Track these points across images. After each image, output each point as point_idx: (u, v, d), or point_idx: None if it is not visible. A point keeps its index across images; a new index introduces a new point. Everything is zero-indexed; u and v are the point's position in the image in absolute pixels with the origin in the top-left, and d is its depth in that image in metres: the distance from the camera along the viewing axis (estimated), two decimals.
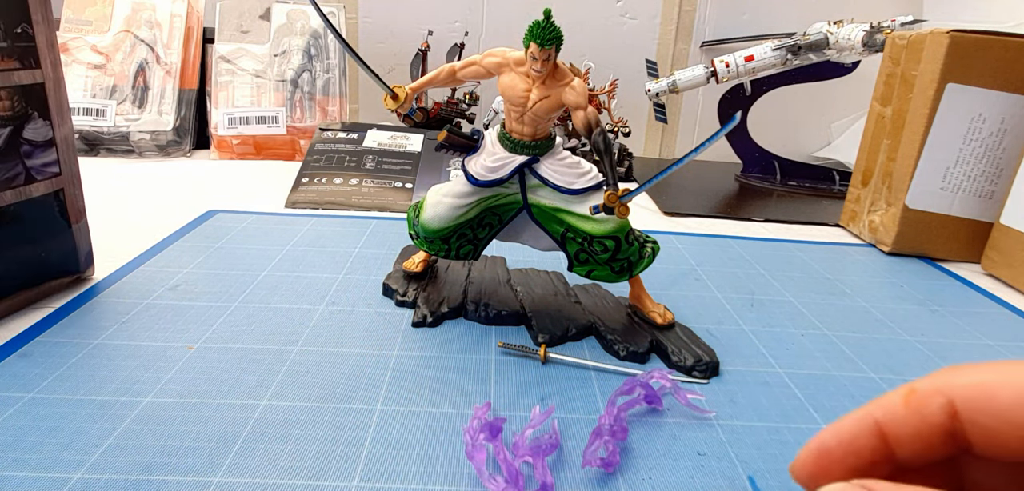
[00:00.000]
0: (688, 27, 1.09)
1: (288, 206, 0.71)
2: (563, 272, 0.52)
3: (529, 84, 0.39)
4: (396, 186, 0.76)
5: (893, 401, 0.17)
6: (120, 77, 0.91)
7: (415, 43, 0.99)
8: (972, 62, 0.60)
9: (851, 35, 0.79)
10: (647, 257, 0.44)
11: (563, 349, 0.42)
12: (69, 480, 0.28)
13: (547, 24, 0.36)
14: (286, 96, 0.93)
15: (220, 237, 0.58)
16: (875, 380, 0.41)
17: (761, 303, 0.51)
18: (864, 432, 0.17)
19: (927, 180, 0.64)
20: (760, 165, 0.99)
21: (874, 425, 0.17)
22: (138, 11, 0.94)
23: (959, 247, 0.65)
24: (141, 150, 0.89)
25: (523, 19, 0.48)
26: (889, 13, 0.86)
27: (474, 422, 0.31)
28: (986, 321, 0.51)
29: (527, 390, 0.37)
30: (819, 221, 0.77)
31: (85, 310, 0.43)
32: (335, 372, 0.37)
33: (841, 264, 0.62)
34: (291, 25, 0.96)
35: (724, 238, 0.68)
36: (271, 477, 0.29)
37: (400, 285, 0.48)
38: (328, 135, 0.85)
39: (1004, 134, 0.62)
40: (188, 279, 0.49)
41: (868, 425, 0.17)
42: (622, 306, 0.47)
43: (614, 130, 0.88)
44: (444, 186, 0.44)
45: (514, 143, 0.41)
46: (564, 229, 0.43)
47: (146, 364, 0.37)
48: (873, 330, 0.48)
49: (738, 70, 0.86)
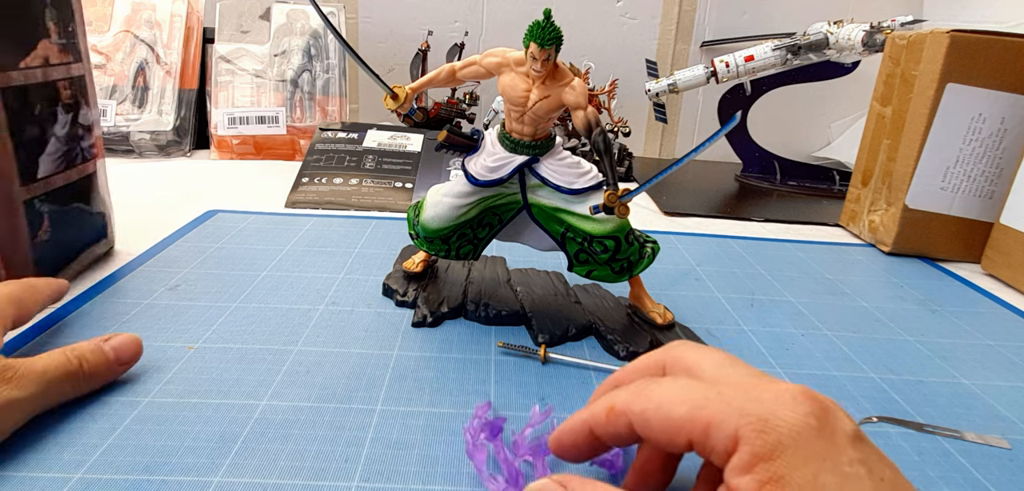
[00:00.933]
0: (688, 27, 1.09)
1: (288, 206, 0.71)
2: (563, 272, 0.52)
3: (529, 84, 0.39)
4: (396, 186, 0.76)
5: (599, 413, 0.25)
6: (120, 77, 0.91)
7: (415, 43, 0.99)
8: (972, 62, 0.60)
9: (851, 35, 0.80)
10: (647, 257, 0.44)
11: (563, 349, 0.42)
12: (69, 480, 0.28)
13: (547, 24, 0.36)
14: (286, 96, 0.93)
15: (220, 237, 0.58)
16: (875, 380, 0.41)
17: (761, 303, 0.51)
18: (582, 431, 0.26)
19: (927, 180, 0.64)
20: (760, 165, 0.99)
21: (588, 429, 0.26)
22: (138, 11, 0.94)
23: (959, 247, 0.65)
24: (141, 150, 0.89)
25: (523, 19, 0.48)
26: (889, 13, 0.86)
27: (475, 421, 0.31)
28: (986, 321, 0.51)
29: (527, 390, 0.37)
30: (819, 221, 0.77)
31: (85, 310, 0.43)
32: (335, 372, 0.37)
33: (841, 264, 0.62)
34: (291, 25, 0.96)
35: (724, 238, 0.68)
36: (271, 477, 0.29)
37: (400, 285, 0.48)
38: (328, 135, 0.85)
39: (1004, 134, 0.62)
40: (188, 279, 0.49)
41: (585, 428, 0.26)
42: (622, 306, 0.47)
43: (614, 130, 0.88)
44: (444, 186, 0.44)
45: (514, 143, 0.41)
46: (564, 229, 0.43)
47: (146, 364, 0.37)
48: (873, 330, 0.48)
49: (738, 70, 0.86)
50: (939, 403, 0.39)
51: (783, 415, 0.21)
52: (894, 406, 0.38)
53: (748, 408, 0.22)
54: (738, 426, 0.21)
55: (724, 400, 0.22)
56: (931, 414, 0.37)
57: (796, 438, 0.21)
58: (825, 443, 0.21)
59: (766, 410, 0.22)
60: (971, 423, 0.37)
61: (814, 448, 0.21)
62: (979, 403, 0.39)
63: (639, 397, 0.24)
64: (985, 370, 0.43)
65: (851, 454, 0.21)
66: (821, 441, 0.21)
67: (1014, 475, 0.32)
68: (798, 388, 0.22)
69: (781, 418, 0.21)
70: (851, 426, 0.22)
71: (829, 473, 0.20)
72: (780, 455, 0.21)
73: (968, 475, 0.32)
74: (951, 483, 0.32)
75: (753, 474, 0.21)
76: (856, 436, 0.22)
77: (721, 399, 0.22)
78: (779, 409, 0.22)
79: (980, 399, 0.39)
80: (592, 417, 0.26)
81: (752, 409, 0.22)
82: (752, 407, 0.22)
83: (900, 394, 0.39)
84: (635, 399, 0.24)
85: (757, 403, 0.22)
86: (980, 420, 0.37)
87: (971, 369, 0.43)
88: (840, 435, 0.21)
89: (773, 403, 0.22)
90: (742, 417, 0.21)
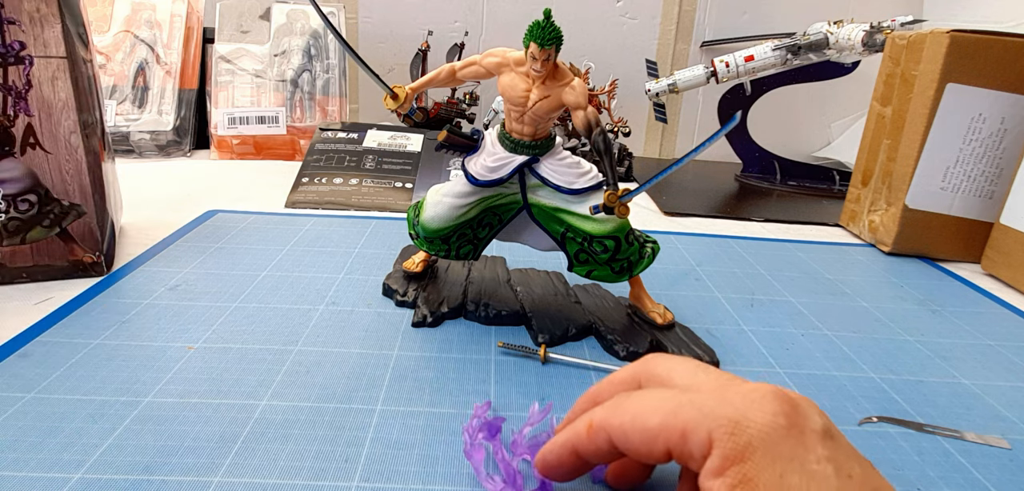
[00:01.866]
0: (688, 27, 1.09)
1: (288, 206, 0.71)
2: (563, 272, 0.52)
3: (529, 84, 0.39)
4: (396, 186, 0.76)
5: (580, 431, 0.26)
6: (120, 77, 0.91)
7: (415, 43, 0.99)
8: (972, 62, 0.60)
9: (851, 35, 0.80)
10: (647, 257, 0.44)
11: (563, 349, 0.42)
12: (69, 480, 0.28)
13: (547, 24, 0.36)
14: (286, 96, 0.93)
15: (220, 237, 0.58)
16: (875, 380, 0.41)
17: (761, 303, 0.51)
18: (566, 451, 0.26)
19: (927, 180, 0.64)
20: (760, 165, 0.99)
21: (572, 448, 0.26)
22: (138, 11, 0.94)
23: (959, 247, 0.65)
24: (141, 150, 0.89)
25: (523, 19, 0.48)
26: (889, 13, 0.86)
27: (473, 421, 0.31)
28: (986, 321, 0.51)
29: (527, 390, 0.37)
30: (819, 221, 0.77)
31: (85, 310, 0.43)
32: (335, 372, 0.37)
33: (841, 264, 0.62)
34: (291, 25, 0.96)
35: (724, 238, 0.68)
36: (271, 477, 0.29)
37: (400, 285, 0.48)
38: (328, 135, 0.85)
39: (1004, 134, 0.62)
40: (188, 279, 0.49)
41: (568, 448, 0.26)
42: (622, 306, 0.47)
43: (614, 130, 0.88)
44: (444, 186, 0.44)
45: (514, 143, 0.41)
46: (564, 229, 0.43)
47: (146, 364, 0.37)
48: (873, 330, 0.48)
49: (738, 70, 0.86)
50: (939, 403, 0.39)
51: (753, 416, 0.22)
52: (894, 406, 0.38)
53: (719, 411, 0.22)
54: (710, 430, 0.22)
55: (696, 406, 0.23)
56: (931, 414, 0.37)
57: (765, 439, 0.22)
58: (793, 442, 0.22)
59: (737, 413, 0.22)
60: (971, 423, 0.37)
61: (782, 448, 0.21)
62: (979, 403, 0.39)
63: (616, 412, 0.25)
64: (985, 370, 0.43)
65: (819, 452, 0.21)
66: (789, 440, 0.22)
67: (1014, 475, 0.32)
68: (768, 388, 0.23)
69: (751, 420, 0.22)
70: (821, 423, 0.22)
71: (795, 473, 0.21)
72: (750, 457, 0.21)
73: (968, 475, 0.32)
74: (951, 483, 0.32)
75: (725, 477, 0.21)
76: (825, 433, 0.22)
77: (693, 405, 0.23)
78: (749, 411, 0.22)
79: (980, 399, 0.39)
80: (574, 436, 0.26)
81: (724, 412, 0.22)
82: (724, 410, 0.22)
83: (900, 394, 0.39)
84: (612, 414, 0.25)
85: (729, 406, 0.22)
86: (980, 420, 0.37)
87: (971, 369, 0.43)
88: (809, 433, 0.22)
89: (743, 405, 0.22)
90: (714, 421, 0.22)
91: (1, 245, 0.46)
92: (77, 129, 0.47)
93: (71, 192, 0.48)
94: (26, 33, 0.44)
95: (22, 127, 0.45)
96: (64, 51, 0.45)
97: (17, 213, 0.46)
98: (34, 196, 0.47)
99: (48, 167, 0.46)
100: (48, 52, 0.45)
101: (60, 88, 0.46)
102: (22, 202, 0.46)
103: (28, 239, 0.47)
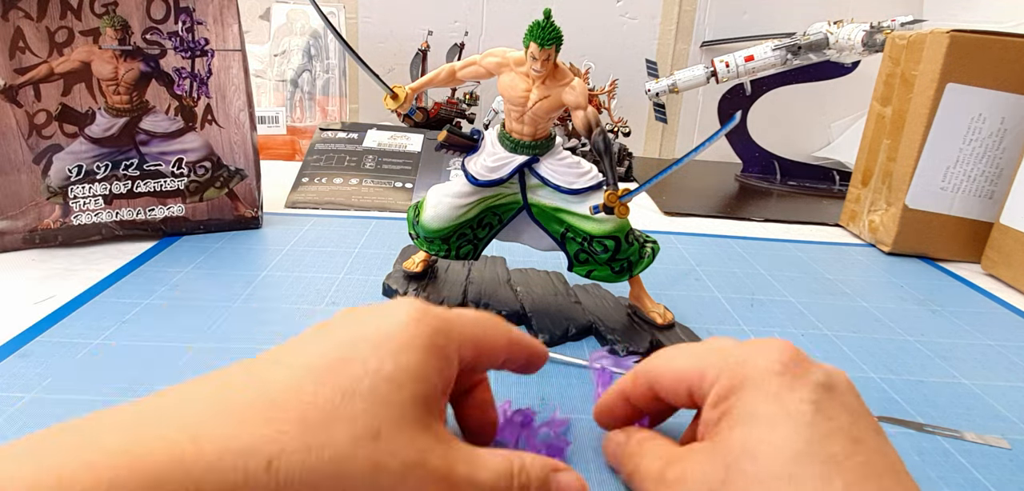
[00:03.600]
0: (688, 27, 1.09)
1: (288, 206, 0.71)
2: (563, 272, 0.52)
3: (529, 84, 0.39)
4: (396, 186, 0.76)
5: (628, 381, 0.30)
6: None
7: (415, 43, 0.99)
8: (972, 62, 0.60)
9: (851, 35, 0.80)
10: (647, 257, 0.44)
11: (563, 349, 0.42)
12: None
13: (547, 24, 0.36)
14: (286, 96, 0.93)
15: (220, 237, 0.58)
16: (875, 380, 0.41)
17: (761, 303, 0.51)
18: (620, 398, 0.30)
19: (927, 180, 0.64)
20: (760, 165, 0.99)
21: (624, 396, 0.30)
22: None
23: (959, 247, 0.65)
24: None
25: (523, 19, 0.48)
26: (889, 13, 0.86)
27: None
28: (986, 321, 0.51)
29: (527, 390, 0.37)
30: (819, 221, 0.77)
31: (85, 310, 0.43)
32: None
33: (841, 264, 0.62)
34: (291, 25, 0.96)
35: (724, 238, 0.68)
36: None
37: (400, 285, 0.48)
38: (328, 135, 0.85)
39: (1004, 134, 0.62)
40: (188, 279, 0.49)
41: (621, 396, 0.30)
42: (622, 306, 0.47)
43: (614, 130, 0.88)
44: (444, 186, 0.44)
45: (514, 143, 0.41)
46: (564, 229, 0.43)
47: (146, 364, 0.37)
48: (873, 330, 0.48)
49: (738, 70, 0.86)
50: (939, 403, 0.39)
51: (754, 360, 0.25)
52: (894, 406, 0.38)
53: (733, 356, 0.25)
54: (720, 371, 0.25)
55: (718, 354, 0.26)
56: (931, 414, 0.37)
57: (757, 377, 0.24)
58: (781, 383, 0.23)
59: (744, 356, 0.25)
60: (971, 423, 0.37)
61: (770, 386, 0.23)
62: (979, 403, 0.39)
63: (656, 358, 0.29)
64: (985, 370, 0.43)
65: (804, 395, 0.23)
66: (779, 380, 0.23)
67: (1014, 475, 0.32)
68: (780, 341, 0.25)
69: (752, 362, 0.24)
70: (822, 377, 0.24)
71: (771, 404, 0.23)
72: (739, 390, 0.24)
73: (968, 475, 0.32)
74: (951, 483, 0.32)
75: (717, 408, 0.24)
76: (822, 385, 0.23)
77: (714, 352, 0.26)
78: (753, 355, 0.25)
79: (980, 399, 0.39)
80: (624, 383, 0.30)
81: (735, 355, 0.25)
82: (736, 354, 0.25)
83: (900, 394, 0.39)
84: (653, 360, 0.29)
85: (740, 352, 0.25)
86: (980, 420, 0.37)
87: (971, 369, 0.43)
88: (802, 379, 0.23)
89: (751, 352, 0.25)
90: (725, 363, 0.25)
91: (185, 202, 0.57)
92: (245, 108, 0.58)
93: (237, 159, 0.58)
94: (210, 31, 0.55)
95: (202, 107, 0.56)
96: (240, 45, 0.56)
97: (196, 177, 0.57)
98: (209, 163, 0.57)
99: (220, 139, 0.57)
100: (227, 46, 0.56)
101: (234, 75, 0.56)
102: (200, 168, 0.57)
103: (205, 198, 0.58)
